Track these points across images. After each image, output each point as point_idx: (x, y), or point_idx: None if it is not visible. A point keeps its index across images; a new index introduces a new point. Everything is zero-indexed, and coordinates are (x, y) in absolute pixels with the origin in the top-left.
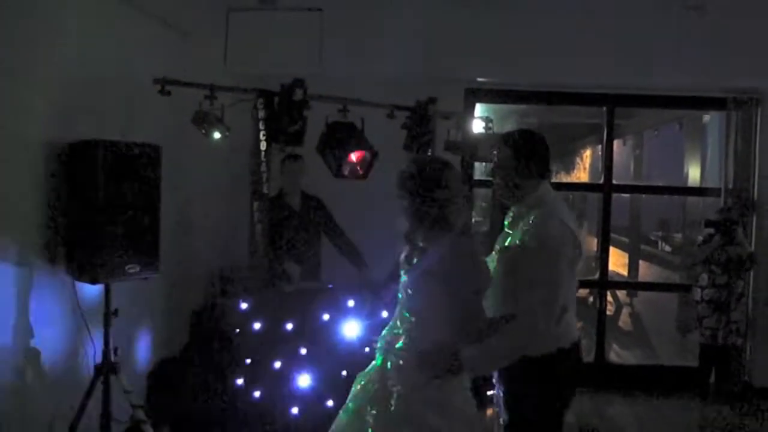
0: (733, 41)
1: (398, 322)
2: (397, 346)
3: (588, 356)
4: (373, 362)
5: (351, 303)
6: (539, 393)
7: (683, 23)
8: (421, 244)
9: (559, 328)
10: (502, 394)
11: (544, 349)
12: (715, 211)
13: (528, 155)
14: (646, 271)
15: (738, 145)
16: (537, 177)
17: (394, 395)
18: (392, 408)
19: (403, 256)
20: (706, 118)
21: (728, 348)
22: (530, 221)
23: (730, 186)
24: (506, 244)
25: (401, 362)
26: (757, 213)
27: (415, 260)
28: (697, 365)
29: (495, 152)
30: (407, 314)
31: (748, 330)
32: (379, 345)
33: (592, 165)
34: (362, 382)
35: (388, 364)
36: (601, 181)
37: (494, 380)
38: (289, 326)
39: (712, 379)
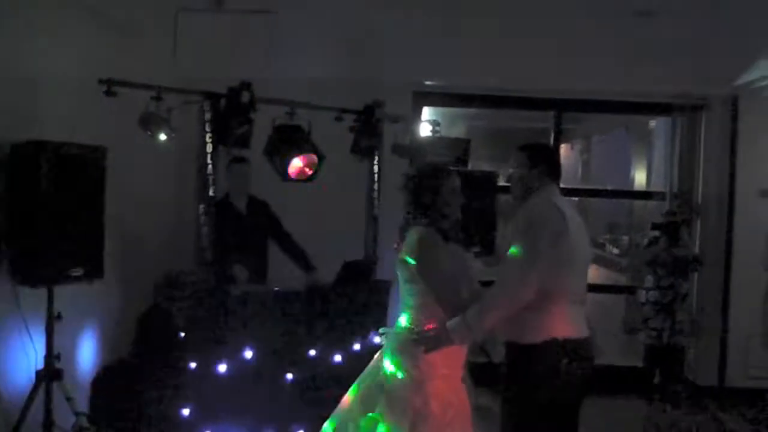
0: (679, 48)
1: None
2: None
3: None
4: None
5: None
6: (530, 381)
7: (630, 29)
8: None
9: (546, 316)
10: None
11: (530, 336)
12: (661, 213)
13: (540, 160)
14: (594, 273)
15: (683, 150)
16: (547, 179)
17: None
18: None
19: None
20: (653, 123)
21: (673, 348)
22: (527, 207)
23: (676, 189)
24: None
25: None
26: (701, 215)
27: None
28: (642, 365)
29: (514, 159)
30: (403, 301)
31: (692, 330)
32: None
33: None
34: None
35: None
36: None
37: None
38: (235, 330)
39: (657, 379)
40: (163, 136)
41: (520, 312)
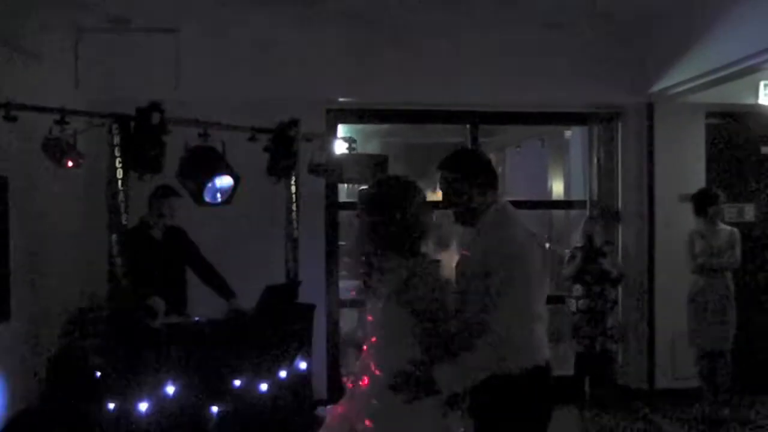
0: (592, 58)
1: (370, 345)
2: (371, 374)
3: None
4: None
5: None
6: (519, 418)
7: (543, 41)
8: (379, 266)
9: (533, 340)
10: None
11: (520, 363)
12: (583, 221)
13: (474, 172)
14: None
15: (601, 159)
16: (490, 191)
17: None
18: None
19: (362, 278)
20: (568, 133)
21: (603, 354)
22: (495, 232)
23: (595, 198)
24: (473, 259)
25: (372, 389)
26: (622, 223)
27: (376, 282)
28: (573, 373)
29: (438, 178)
30: (374, 338)
31: (621, 335)
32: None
33: None
34: None
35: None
36: None
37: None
38: (155, 365)
39: (588, 386)
40: (70, 163)
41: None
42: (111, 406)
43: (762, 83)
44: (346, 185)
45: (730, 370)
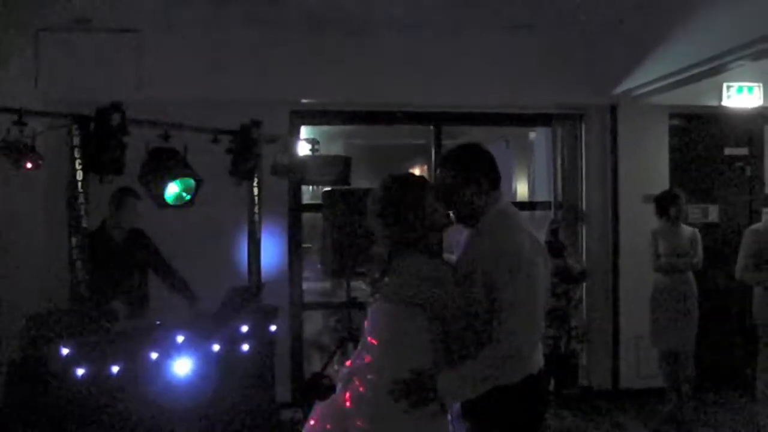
0: (555, 59)
1: (365, 351)
2: (368, 376)
3: None
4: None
5: (180, 338)
6: (511, 424)
7: (507, 41)
8: (389, 266)
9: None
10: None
11: (511, 377)
12: (548, 223)
13: (475, 170)
14: None
15: (565, 160)
16: (494, 190)
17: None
18: None
19: (369, 279)
20: (532, 135)
21: (567, 354)
22: (497, 236)
23: (560, 199)
24: (473, 262)
25: (369, 392)
26: (586, 223)
27: (384, 283)
28: None
29: (437, 176)
30: (376, 341)
31: (586, 335)
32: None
33: None
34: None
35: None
36: None
37: (451, 417)
38: (116, 369)
39: (552, 386)
40: (29, 165)
41: None
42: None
43: (725, 85)
44: (310, 187)
45: (694, 371)
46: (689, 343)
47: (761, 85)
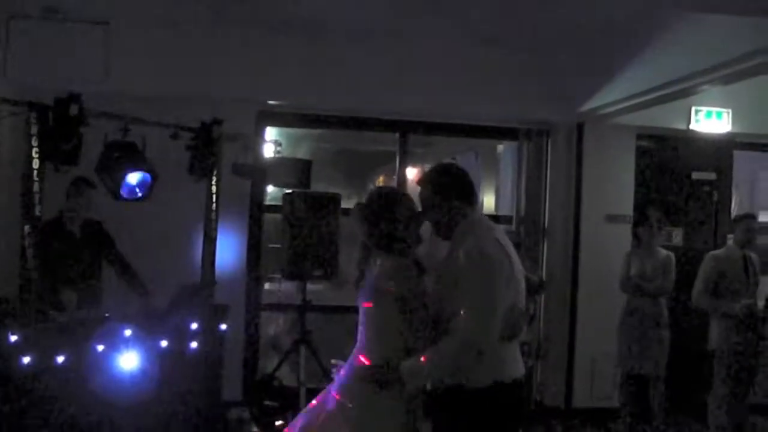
0: (524, 74)
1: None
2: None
3: None
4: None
5: (128, 332)
6: (469, 428)
7: (476, 54)
8: (369, 264)
9: (495, 357)
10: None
11: (478, 380)
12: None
13: (446, 187)
14: None
15: (529, 175)
16: (466, 206)
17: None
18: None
19: (355, 279)
20: (500, 148)
21: None
22: (462, 242)
23: (522, 213)
24: (446, 266)
25: (350, 377)
26: (547, 239)
27: (364, 279)
28: None
29: (419, 194)
30: (361, 328)
31: (540, 351)
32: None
33: None
34: None
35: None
36: None
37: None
38: (61, 360)
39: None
40: None
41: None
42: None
43: (694, 109)
44: (272, 188)
45: (664, 395)
46: (661, 368)
47: (730, 111)
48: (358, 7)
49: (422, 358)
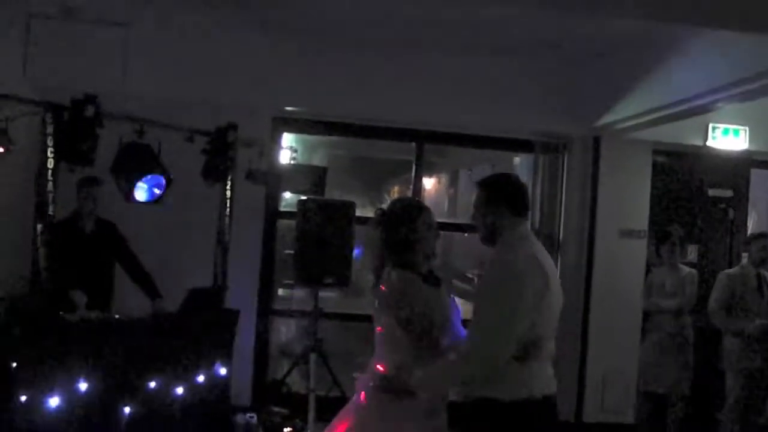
0: (541, 86)
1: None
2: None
3: None
4: None
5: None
6: None
7: (494, 66)
8: (383, 275)
9: (526, 371)
10: None
11: (509, 392)
12: None
13: (498, 195)
14: (463, 309)
15: (545, 187)
16: (514, 218)
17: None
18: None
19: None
20: (517, 159)
21: None
22: (495, 255)
23: (537, 226)
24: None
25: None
26: (561, 253)
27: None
28: None
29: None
30: (376, 338)
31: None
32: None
33: None
34: None
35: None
36: None
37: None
38: (69, 360)
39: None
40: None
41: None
42: (23, 398)
43: (711, 126)
44: (288, 194)
45: (683, 415)
46: (682, 388)
47: (747, 128)
48: (378, 16)
49: (433, 369)
